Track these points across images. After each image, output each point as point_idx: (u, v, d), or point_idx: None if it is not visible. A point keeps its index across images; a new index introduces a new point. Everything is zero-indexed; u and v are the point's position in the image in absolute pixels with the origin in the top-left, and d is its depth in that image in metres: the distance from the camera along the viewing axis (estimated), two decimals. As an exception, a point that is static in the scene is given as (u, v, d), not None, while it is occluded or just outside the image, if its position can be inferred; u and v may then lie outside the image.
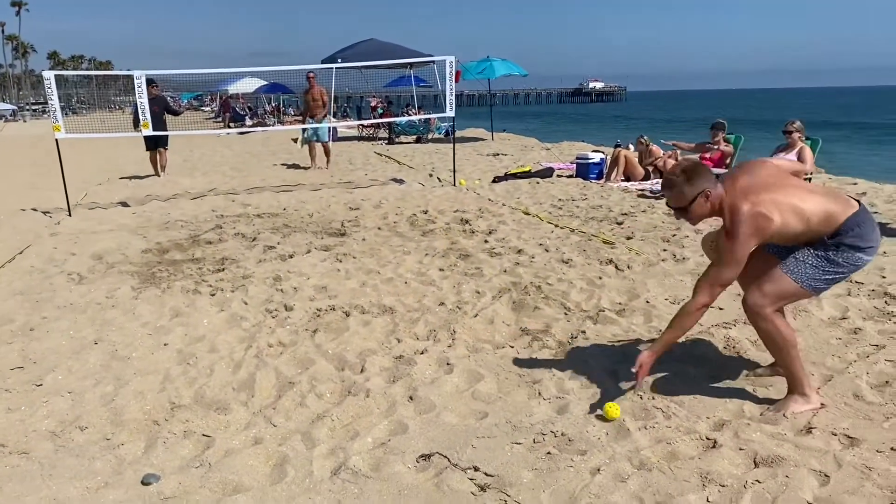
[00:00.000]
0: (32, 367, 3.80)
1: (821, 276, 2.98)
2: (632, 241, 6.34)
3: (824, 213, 2.93)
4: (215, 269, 5.72)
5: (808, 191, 3.04)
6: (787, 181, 3.06)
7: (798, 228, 2.94)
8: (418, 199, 9.19)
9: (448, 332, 4.17)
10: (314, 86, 12.71)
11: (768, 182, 3.00)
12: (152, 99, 12.01)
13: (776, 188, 2.97)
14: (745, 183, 3.01)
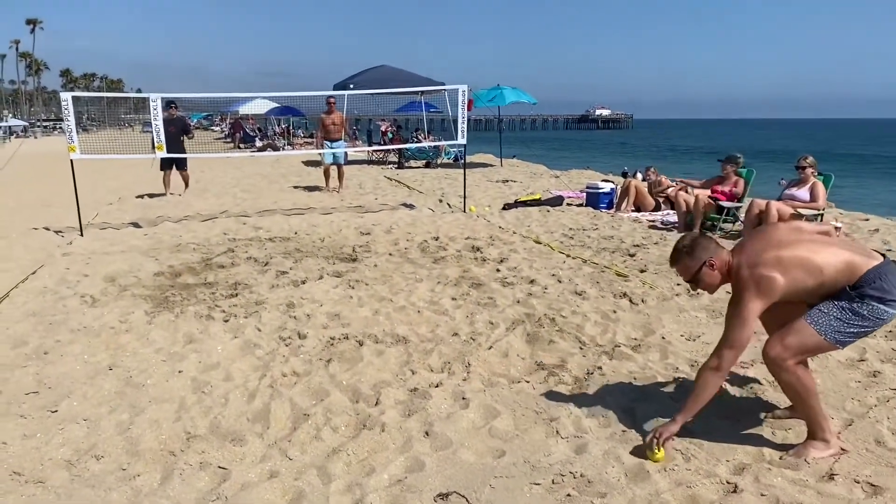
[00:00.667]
0: (47, 393, 3.80)
1: (845, 329, 2.92)
2: (645, 273, 6.32)
3: (842, 264, 2.91)
4: (228, 294, 5.73)
5: (822, 244, 3.01)
6: (799, 237, 3.05)
7: (810, 282, 2.91)
8: (429, 225, 9.21)
9: (463, 364, 4.15)
10: (333, 111, 12.82)
11: (777, 241, 3.02)
12: (172, 120, 12.32)
13: (784, 246, 2.98)
14: (752, 247, 3.05)
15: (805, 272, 2.90)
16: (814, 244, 3.00)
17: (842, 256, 2.93)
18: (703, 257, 3.09)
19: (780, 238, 3.05)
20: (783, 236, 3.06)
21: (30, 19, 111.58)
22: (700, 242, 3.14)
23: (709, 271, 3.10)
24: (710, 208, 8.52)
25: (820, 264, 2.90)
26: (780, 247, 2.97)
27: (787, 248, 2.96)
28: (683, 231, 8.47)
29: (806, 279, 2.90)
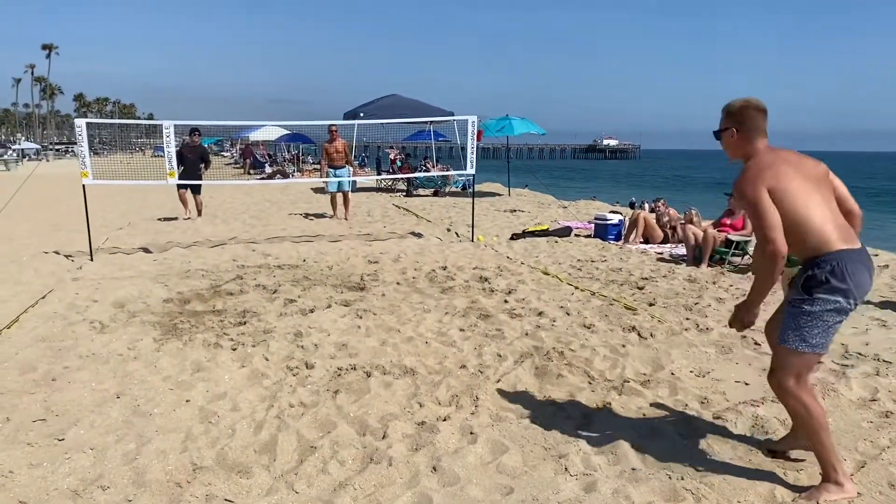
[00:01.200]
0: (54, 420, 3.79)
1: (808, 332, 2.95)
2: (654, 307, 6.30)
3: (817, 230, 2.94)
4: (237, 322, 5.73)
5: (818, 202, 2.98)
6: (815, 174, 3.05)
7: (795, 223, 2.93)
8: (437, 255, 9.22)
9: (471, 397, 4.13)
10: (336, 139, 12.90)
11: (798, 166, 3.03)
12: (194, 147, 12.77)
13: (806, 178, 2.99)
14: (776, 154, 3.08)
15: (797, 210, 2.92)
16: (821, 198, 3.00)
17: (824, 227, 2.94)
18: (731, 125, 3.15)
19: (805, 169, 3.04)
20: (811, 169, 3.06)
21: (45, 45, 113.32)
22: (746, 114, 3.13)
23: (728, 136, 3.18)
24: (718, 242, 8.51)
25: (808, 223, 2.93)
26: (797, 171, 3.00)
27: (806, 182, 2.98)
28: (692, 265, 8.46)
29: (796, 217, 2.93)
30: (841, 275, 2.90)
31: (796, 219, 2.92)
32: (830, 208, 3.02)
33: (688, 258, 8.68)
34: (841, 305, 2.94)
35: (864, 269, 2.96)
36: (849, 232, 3.01)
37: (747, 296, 3.17)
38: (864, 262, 2.97)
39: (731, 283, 7.42)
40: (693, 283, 7.46)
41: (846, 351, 5.00)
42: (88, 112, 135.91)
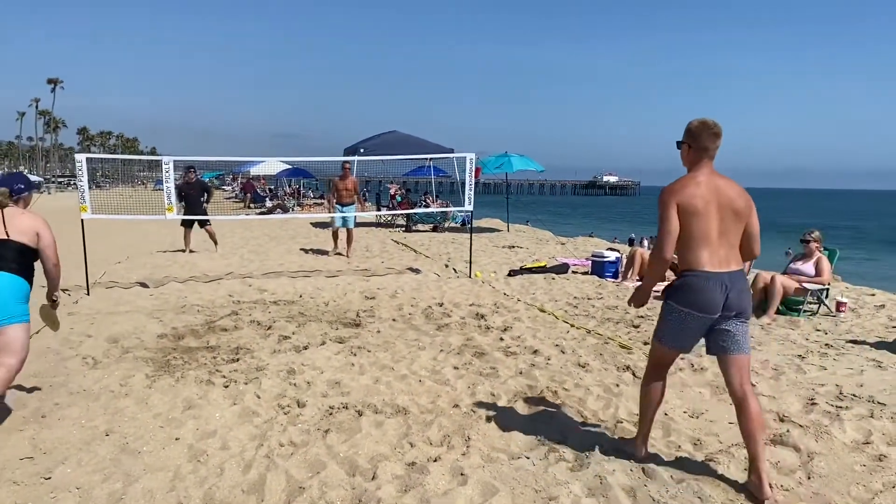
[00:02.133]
0: (42, 458, 3.76)
1: (662, 330, 3.65)
2: (649, 346, 6.28)
3: (691, 249, 3.43)
4: (230, 358, 5.71)
5: (721, 232, 3.45)
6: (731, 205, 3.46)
7: (683, 238, 3.43)
8: (434, 291, 9.22)
9: (462, 437, 4.10)
10: (348, 176, 12.93)
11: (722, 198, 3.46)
12: (191, 183, 13.10)
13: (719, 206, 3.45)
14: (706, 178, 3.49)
15: (690, 228, 3.41)
16: (716, 222, 3.43)
17: (700, 243, 3.42)
18: (687, 140, 3.59)
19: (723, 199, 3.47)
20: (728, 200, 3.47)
21: (51, 79, 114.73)
22: (699, 132, 3.54)
23: (683, 151, 3.62)
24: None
25: (693, 236, 3.42)
26: (713, 198, 3.45)
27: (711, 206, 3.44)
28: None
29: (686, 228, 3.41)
30: (687, 288, 3.45)
31: (687, 235, 3.43)
32: (722, 235, 3.46)
33: (684, 296, 8.67)
34: (684, 314, 3.49)
35: (718, 288, 3.41)
36: (725, 259, 3.46)
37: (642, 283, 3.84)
38: (724, 282, 3.42)
39: (727, 322, 7.41)
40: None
41: (840, 392, 4.97)
42: (92, 145, 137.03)
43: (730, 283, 3.43)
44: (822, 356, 6.06)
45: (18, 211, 4.44)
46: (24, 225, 4.33)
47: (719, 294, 3.41)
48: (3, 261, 4.17)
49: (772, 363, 5.79)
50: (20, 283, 4.25)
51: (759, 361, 5.73)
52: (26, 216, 4.41)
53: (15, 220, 4.31)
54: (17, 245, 4.24)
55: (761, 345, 6.46)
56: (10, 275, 4.18)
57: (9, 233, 4.24)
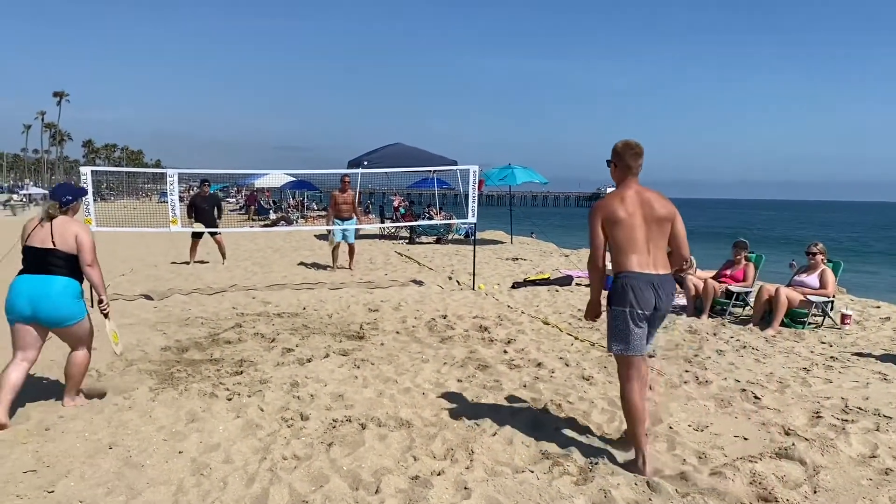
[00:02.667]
0: (45, 472, 3.76)
1: (611, 337, 3.88)
2: (653, 359, 6.27)
3: (622, 253, 3.80)
4: (233, 371, 5.71)
5: (646, 238, 3.81)
6: (654, 213, 3.84)
7: (612, 245, 3.85)
8: (437, 303, 9.22)
9: (466, 451, 4.08)
10: (347, 189, 12.81)
11: (648, 209, 3.84)
12: (205, 197, 13.19)
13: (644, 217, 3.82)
14: (631, 192, 3.87)
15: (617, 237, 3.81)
16: (642, 230, 3.81)
17: (630, 247, 3.79)
18: (614, 159, 3.99)
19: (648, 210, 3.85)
20: (652, 210, 3.85)
21: (57, 92, 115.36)
22: (624, 153, 3.95)
23: (612, 169, 4.03)
24: (719, 292, 8.50)
25: (619, 243, 3.81)
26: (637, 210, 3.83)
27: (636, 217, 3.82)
28: (692, 315, 8.43)
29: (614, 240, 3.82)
30: (622, 290, 3.78)
31: (616, 244, 3.83)
32: (647, 240, 3.83)
33: (688, 309, 8.66)
34: (625, 314, 3.77)
35: (649, 288, 3.76)
36: (652, 261, 3.82)
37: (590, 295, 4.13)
38: (653, 283, 3.77)
39: (732, 335, 7.39)
40: (693, 334, 7.43)
41: (846, 406, 4.95)
42: (97, 158, 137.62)
43: (659, 284, 3.81)
44: (828, 369, 6.04)
45: (66, 220, 4.79)
46: (68, 233, 4.70)
47: (650, 292, 3.77)
48: (55, 267, 4.64)
49: (777, 376, 5.77)
50: (72, 283, 4.72)
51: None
52: (71, 224, 4.77)
53: (61, 230, 4.69)
54: (62, 253, 4.66)
55: (766, 357, 6.44)
56: (62, 278, 4.65)
57: (55, 242, 4.65)
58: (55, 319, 4.66)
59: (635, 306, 3.75)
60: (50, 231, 4.66)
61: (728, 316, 8.39)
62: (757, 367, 6.08)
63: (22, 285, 4.61)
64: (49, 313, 4.61)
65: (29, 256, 4.67)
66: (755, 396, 5.17)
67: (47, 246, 4.63)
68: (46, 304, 4.57)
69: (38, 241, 4.66)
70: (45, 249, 4.63)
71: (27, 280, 4.62)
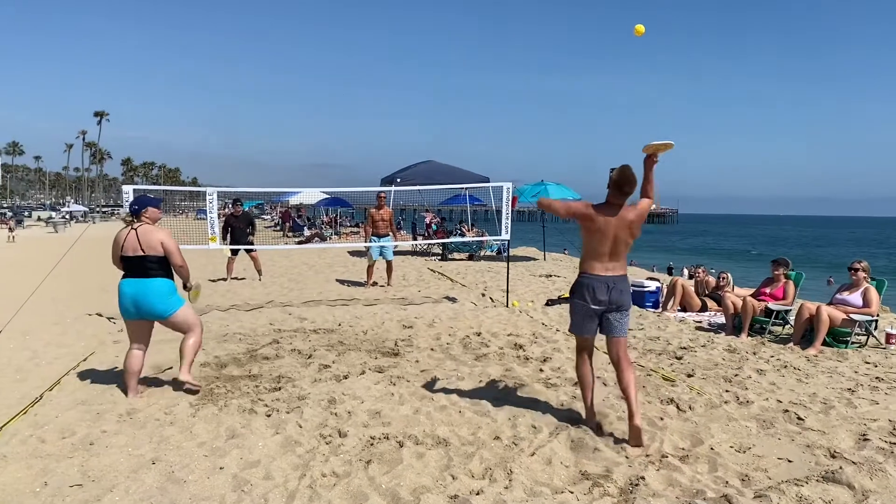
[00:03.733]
0: (91, 486, 3.82)
1: (571, 320, 4.93)
2: (692, 378, 6.19)
3: (587, 258, 4.72)
4: (272, 387, 5.76)
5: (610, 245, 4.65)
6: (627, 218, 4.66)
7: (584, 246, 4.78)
8: (471, 320, 9.21)
9: (504, 470, 4.06)
10: (384, 206, 12.82)
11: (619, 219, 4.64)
12: (238, 216, 13.43)
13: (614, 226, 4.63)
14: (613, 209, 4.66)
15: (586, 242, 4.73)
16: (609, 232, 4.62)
17: (591, 256, 4.70)
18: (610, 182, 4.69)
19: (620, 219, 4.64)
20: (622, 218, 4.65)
21: (97, 112, 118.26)
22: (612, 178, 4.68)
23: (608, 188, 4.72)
24: (758, 311, 8.36)
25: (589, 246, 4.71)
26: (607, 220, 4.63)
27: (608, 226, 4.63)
28: (731, 334, 8.31)
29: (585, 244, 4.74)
30: (579, 287, 4.76)
31: (584, 246, 4.77)
32: (613, 246, 4.66)
33: (727, 328, 8.53)
34: (581, 307, 4.75)
35: (604, 287, 4.66)
36: (610, 265, 4.69)
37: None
38: (608, 283, 4.66)
39: (773, 354, 7.26)
40: (733, 353, 7.32)
41: (894, 428, 4.83)
42: (135, 176, 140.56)
43: (613, 283, 4.66)
44: (873, 390, 5.90)
45: (149, 228, 5.52)
46: (153, 240, 5.44)
47: (605, 291, 4.64)
48: (150, 270, 5.42)
49: (820, 396, 5.65)
50: (166, 282, 5.50)
51: None
52: (154, 231, 5.49)
53: (147, 238, 5.43)
54: (153, 257, 5.42)
55: (809, 377, 6.31)
56: (157, 279, 5.44)
57: (143, 249, 5.41)
58: (155, 314, 5.48)
59: (589, 301, 4.70)
60: (136, 239, 5.41)
61: (768, 335, 8.25)
62: (799, 388, 5.96)
63: (125, 288, 5.43)
64: (149, 309, 5.44)
65: (127, 264, 5.45)
66: (798, 417, 5.07)
67: (139, 254, 5.40)
68: (145, 301, 5.40)
69: (131, 251, 5.42)
70: (139, 257, 5.41)
71: (128, 283, 5.43)
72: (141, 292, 5.39)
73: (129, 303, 5.42)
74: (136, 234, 5.44)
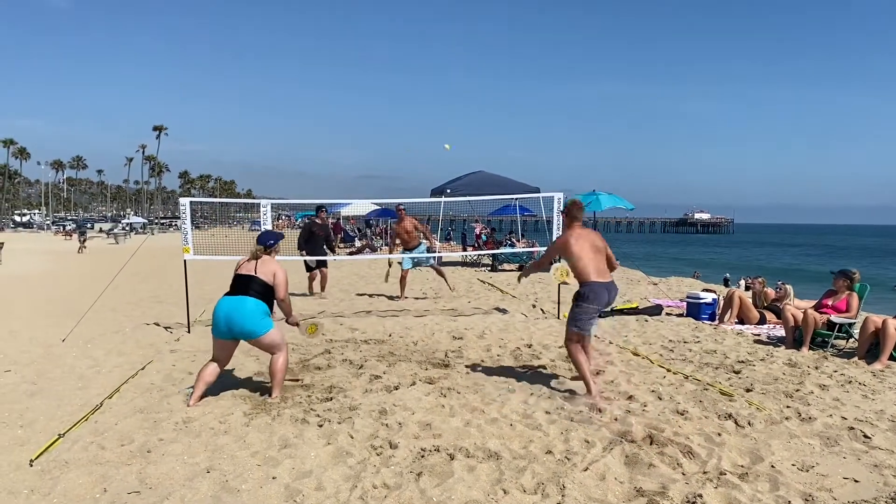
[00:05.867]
0: (148, 493, 3.90)
1: (576, 321, 5.90)
2: (751, 393, 6.01)
3: (583, 270, 5.92)
4: (324, 397, 5.80)
5: (593, 257, 5.97)
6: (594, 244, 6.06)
7: (574, 266, 6.02)
8: (521, 332, 9.13)
9: (557, 486, 4.00)
10: (404, 218, 12.60)
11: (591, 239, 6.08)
12: (323, 225, 12.82)
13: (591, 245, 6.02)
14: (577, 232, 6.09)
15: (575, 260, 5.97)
16: (590, 253, 5.97)
17: (585, 269, 5.92)
18: (564, 213, 6.39)
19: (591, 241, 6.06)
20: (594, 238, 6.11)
21: (157, 126, 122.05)
22: (570, 210, 6.27)
23: (564, 218, 6.38)
24: (820, 324, 8.08)
25: (578, 263, 5.94)
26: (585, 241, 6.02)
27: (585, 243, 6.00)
28: (791, 347, 8.05)
29: (573, 263, 6.00)
30: (585, 294, 5.89)
31: (574, 263, 5.98)
32: (596, 260, 5.97)
33: (787, 341, 8.27)
34: (591, 309, 5.88)
35: (605, 291, 5.91)
36: (603, 272, 5.98)
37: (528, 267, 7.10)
38: (607, 287, 5.93)
39: (836, 369, 7.00)
40: (793, 367, 7.09)
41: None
42: (192, 188, 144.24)
43: (612, 287, 6.01)
44: (946, 407, 5.63)
45: (268, 260, 5.94)
46: (268, 269, 5.82)
47: (606, 295, 5.93)
48: (251, 290, 5.70)
49: (888, 413, 5.41)
50: (262, 304, 5.72)
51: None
52: (270, 263, 5.91)
53: (263, 266, 5.84)
54: (260, 280, 5.75)
55: (875, 393, 6.06)
56: (254, 299, 5.68)
57: (257, 272, 5.78)
58: (245, 332, 5.65)
59: (595, 304, 5.88)
60: (255, 265, 5.83)
61: (830, 349, 7.97)
62: (865, 404, 5.73)
63: (222, 305, 5.68)
64: (240, 328, 5.61)
65: (234, 282, 5.80)
66: (865, 435, 4.87)
67: (250, 273, 5.77)
68: (238, 319, 5.58)
69: (245, 270, 5.83)
70: (248, 276, 5.76)
71: (226, 301, 5.69)
72: (235, 309, 5.60)
73: (222, 320, 5.62)
74: (256, 262, 5.86)
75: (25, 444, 4.74)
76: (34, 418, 5.33)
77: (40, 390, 6.18)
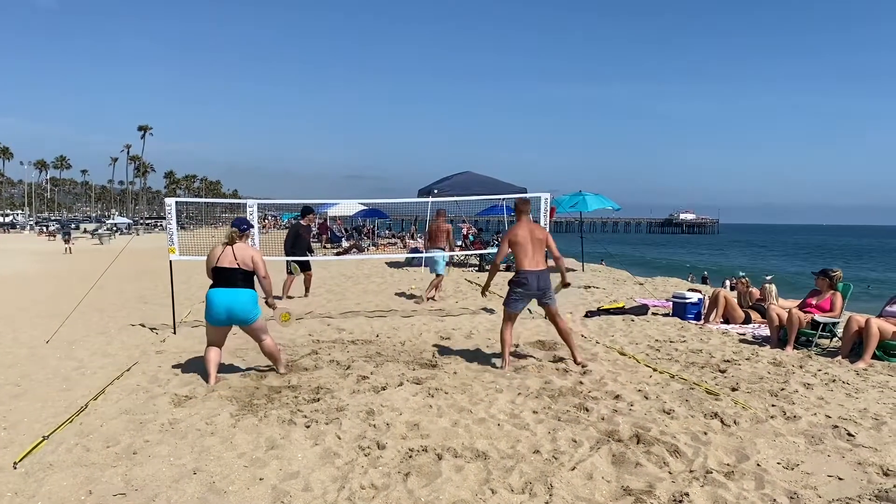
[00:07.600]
0: (134, 495, 3.87)
1: (508, 301, 6.96)
2: (737, 392, 6.05)
3: (519, 260, 6.84)
4: (311, 398, 5.79)
5: (526, 248, 6.84)
6: (534, 236, 6.91)
7: (515, 255, 6.91)
8: (509, 332, 9.12)
9: (545, 485, 4.01)
10: (443, 221, 12.67)
11: (531, 231, 6.93)
12: (306, 226, 12.76)
13: (531, 237, 6.90)
14: (520, 226, 6.98)
15: (515, 250, 6.89)
16: (528, 245, 6.83)
17: (522, 259, 6.82)
18: (515, 209, 7.29)
19: (532, 233, 6.92)
20: (534, 234, 6.92)
21: (141, 126, 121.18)
22: (518, 206, 7.23)
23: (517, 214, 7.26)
24: (804, 323, 8.14)
25: (517, 256, 6.86)
26: (526, 234, 6.89)
27: (527, 233, 6.90)
28: (776, 346, 8.11)
29: (514, 252, 6.91)
30: (517, 280, 6.84)
31: (515, 251, 6.85)
32: (534, 251, 6.84)
33: (772, 340, 8.34)
34: (520, 293, 6.88)
35: (535, 278, 6.80)
36: (537, 261, 6.86)
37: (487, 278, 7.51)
38: (537, 275, 6.82)
39: (820, 368, 7.06)
40: (778, 366, 7.14)
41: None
42: (177, 188, 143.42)
43: (545, 275, 6.86)
44: (927, 405, 5.69)
45: (244, 246, 6.43)
46: (245, 255, 6.32)
47: (535, 282, 6.80)
48: (240, 282, 6.27)
49: (871, 412, 5.47)
50: (253, 293, 6.36)
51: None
52: (248, 249, 6.42)
53: (241, 253, 6.32)
54: (243, 270, 6.29)
55: (858, 392, 6.12)
56: (246, 290, 6.29)
57: (238, 263, 6.26)
58: (244, 320, 6.28)
59: (525, 289, 6.83)
60: (233, 254, 6.28)
61: (814, 348, 8.03)
62: (849, 403, 5.78)
63: (218, 297, 6.22)
64: (240, 316, 6.26)
65: (220, 274, 6.27)
66: (849, 433, 4.92)
67: (234, 266, 6.24)
68: (238, 309, 6.22)
69: (227, 263, 6.26)
70: (232, 269, 6.24)
71: (222, 293, 6.23)
72: (235, 301, 6.19)
73: (221, 310, 6.20)
74: (232, 249, 6.30)
75: (9, 446, 4.70)
76: (18, 420, 5.28)
77: (24, 392, 6.13)
